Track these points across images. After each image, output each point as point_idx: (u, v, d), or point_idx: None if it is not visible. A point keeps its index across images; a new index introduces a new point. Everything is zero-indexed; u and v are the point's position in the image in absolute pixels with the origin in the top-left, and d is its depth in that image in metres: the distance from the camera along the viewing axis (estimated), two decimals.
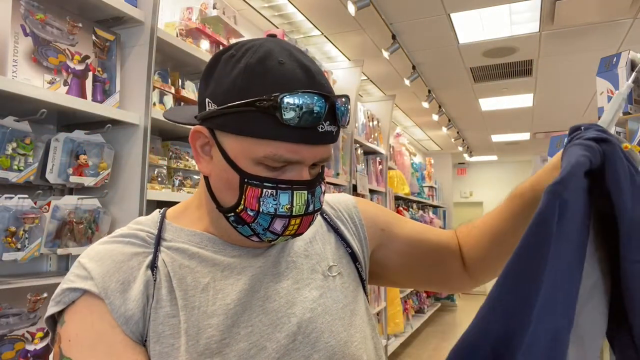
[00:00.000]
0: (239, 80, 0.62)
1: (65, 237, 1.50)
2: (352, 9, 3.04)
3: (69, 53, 1.51)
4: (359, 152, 3.83)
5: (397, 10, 3.43)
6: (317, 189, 0.68)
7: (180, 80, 2.04)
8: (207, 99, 0.66)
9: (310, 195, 0.66)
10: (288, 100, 0.60)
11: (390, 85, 5.10)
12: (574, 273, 0.46)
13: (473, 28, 3.76)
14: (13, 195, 1.38)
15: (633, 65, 2.18)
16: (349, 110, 0.67)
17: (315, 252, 0.78)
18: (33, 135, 1.42)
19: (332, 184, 3.24)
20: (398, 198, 5.10)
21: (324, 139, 0.64)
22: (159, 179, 1.83)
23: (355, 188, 3.60)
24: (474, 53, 4.27)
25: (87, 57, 1.56)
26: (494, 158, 10.29)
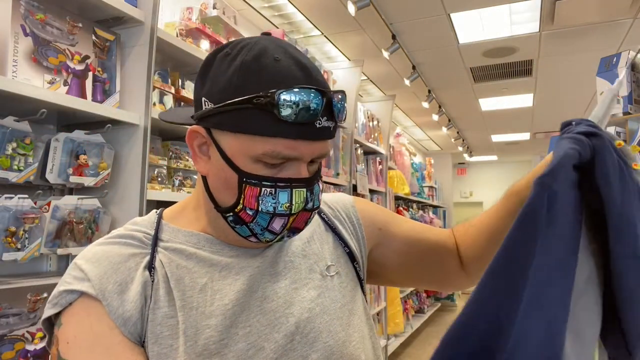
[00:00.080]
0: (235, 78, 0.62)
1: (65, 237, 1.50)
2: (352, 9, 3.04)
3: (69, 53, 1.51)
4: (359, 152, 3.82)
5: (397, 10, 3.43)
6: (315, 187, 0.68)
7: (180, 80, 2.04)
8: (203, 98, 0.66)
9: (309, 193, 0.66)
10: (285, 97, 0.59)
11: (390, 85, 5.10)
12: (567, 265, 0.45)
13: (473, 28, 3.76)
14: (13, 195, 1.38)
15: (633, 65, 2.18)
16: (346, 107, 0.67)
17: (313, 251, 0.78)
18: (33, 135, 1.42)
19: (332, 184, 3.24)
20: (398, 198, 5.10)
21: (322, 135, 0.64)
22: (159, 179, 1.83)
23: (355, 188, 3.59)
24: (474, 53, 4.27)
25: (87, 57, 1.56)
26: (494, 158, 10.29)
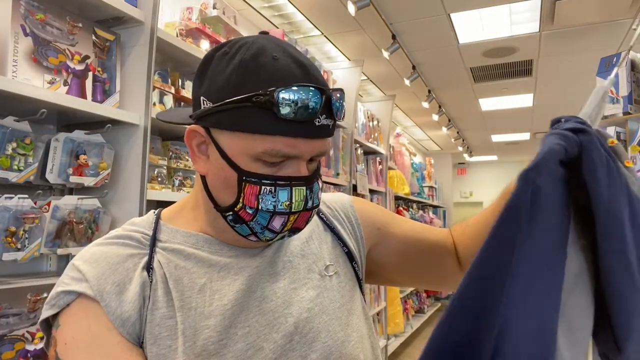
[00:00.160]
0: (234, 77, 0.62)
1: (65, 237, 1.50)
2: (352, 9, 3.04)
3: (69, 53, 1.51)
4: (359, 152, 3.82)
5: (397, 10, 3.43)
6: (314, 185, 0.68)
7: (180, 80, 2.04)
8: (201, 97, 0.66)
9: (309, 191, 0.66)
10: (285, 95, 0.59)
11: (390, 85, 5.10)
12: (555, 261, 0.45)
13: (473, 28, 3.76)
14: (13, 195, 1.38)
15: (633, 65, 2.18)
16: (344, 105, 0.67)
17: (312, 251, 0.77)
18: (33, 135, 1.42)
19: (332, 184, 3.23)
20: (398, 198, 5.10)
21: (321, 133, 0.64)
22: (159, 179, 1.83)
23: (355, 188, 3.59)
24: (474, 53, 4.27)
25: (87, 57, 1.56)
26: (494, 158, 10.29)
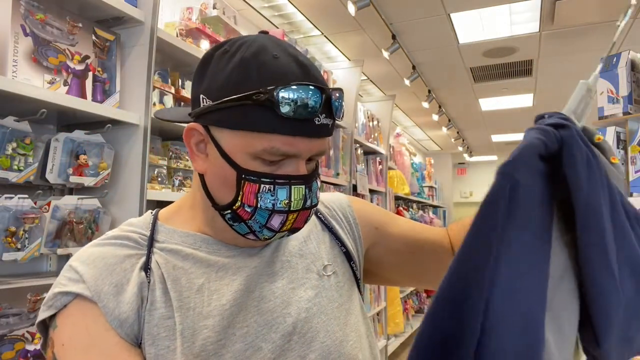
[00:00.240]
0: (234, 75, 0.62)
1: (65, 237, 1.50)
2: (352, 9, 3.04)
3: (69, 53, 1.51)
4: (359, 152, 3.82)
5: (397, 10, 3.43)
6: (313, 184, 0.68)
7: (180, 80, 2.04)
8: (201, 95, 0.66)
9: (308, 190, 0.66)
10: (285, 93, 0.60)
11: (390, 85, 5.10)
12: (538, 256, 0.45)
13: (473, 28, 3.76)
14: (13, 195, 1.37)
15: (633, 65, 2.18)
16: (343, 104, 0.68)
17: (310, 251, 0.77)
18: (33, 135, 1.42)
19: (332, 184, 3.23)
20: (398, 198, 5.10)
21: (321, 132, 0.64)
22: (159, 179, 1.83)
23: (355, 188, 3.59)
24: (474, 53, 4.27)
25: (87, 57, 1.56)
26: (494, 158, 10.29)
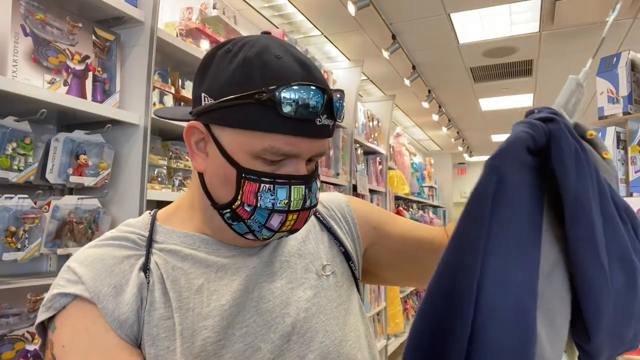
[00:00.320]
0: (237, 74, 0.62)
1: (65, 237, 1.50)
2: (352, 9, 3.04)
3: (69, 53, 1.51)
4: (359, 152, 3.82)
5: (397, 10, 3.43)
6: (313, 185, 0.68)
7: (180, 80, 2.04)
8: (203, 94, 0.66)
9: (308, 190, 0.66)
10: (288, 93, 0.60)
11: (390, 85, 5.10)
12: (527, 249, 0.45)
13: (473, 28, 3.76)
14: (13, 195, 1.37)
15: (633, 65, 2.18)
16: (344, 105, 0.68)
17: (309, 251, 0.77)
18: (33, 135, 1.42)
19: (332, 184, 3.23)
20: (398, 198, 5.10)
21: (322, 133, 0.65)
22: (159, 179, 1.83)
23: (355, 188, 3.59)
24: (474, 53, 4.27)
25: (87, 57, 1.56)
26: None
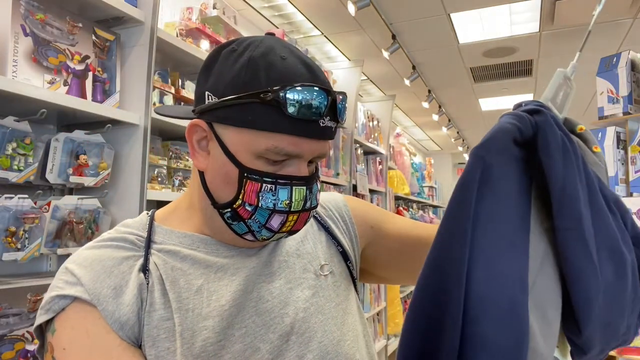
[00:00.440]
0: (243, 74, 0.62)
1: (65, 237, 1.50)
2: (352, 9, 3.04)
3: (69, 53, 1.51)
4: (359, 152, 3.82)
5: (397, 10, 3.43)
6: (314, 186, 0.68)
7: (180, 80, 2.04)
8: (206, 92, 0.66)
9: (309, 192, 0.67)
10: (293, 94, 0.60)
11: (390, 85, 5.10)
12: (515, 240, 0.45)
13: (473, 28, 3.76)
14: (13, 195, 1.38)
15: (633, 65, 2.18)
16: (346, 107, 0.68)
17: (307, 251, 0.78)
18: (33, 135, 1.42)
19: (332, 184, 3.23)
20: (398, 198, 5.10)
21: (324, 134, 0.65)
22: (159, 179, 1.83)
23: (355, 188, 3.59)
24: (474, 53, 4.27)
25: (87, 57, 1.56)
26: None
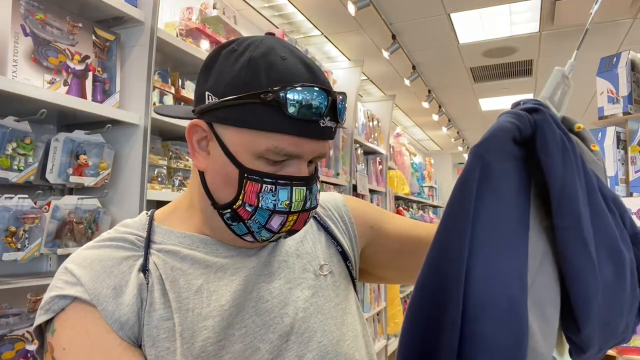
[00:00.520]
0: (243, 74, 0.62)
1: (65, 237, 1.50)
2: (352, 9, 3.04)
3: (69, 53, 1.51)
4: (359, 152, 3.82)
5: (397, 10, 3.43)
6: (314, 186, 0.68)
7: (180, 80, 2.04)
8: (207, 92, 0.66)
9: (309, 192, 0.67)
10: (294, 94, 0.60)
11: (390, 85, 5.10)
12: (515, 239, 0.45)
13: (473, 28, 3.76)
14: (13, 195, 1.37)
15: (633, 65, 2.18)
16: (346, 107, 0.68)
17: (306, 251, 0.78)
18: (33, 135, 1.42)
19: (332, 184, 3.23)
20: (398, 198, 5.10)
21: (325, 134, 0.65)
22: (159, 179, 1.83)
23: (355, 188, 3.59)
24: (474, 53, 4.27)
25: (87, 57, 1.56)
26: None
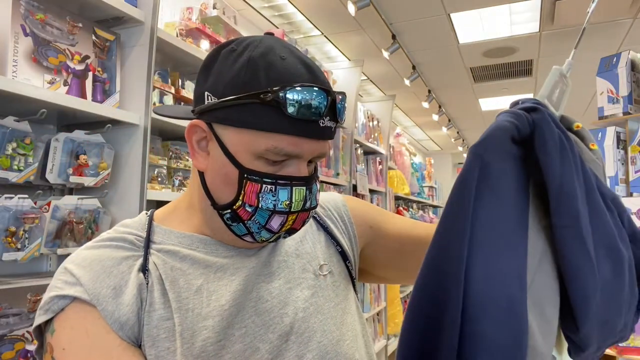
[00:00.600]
0: (242, 74, 0.62)
1: (65, 237, 1.50)
2: (352, 9, 3.04)
3: (69, 53, 1.51)
4: (359, 152, 3.82)
5: (397, 10, 3.44)
6: (313, 186, 0.68)
7: (180, 80, 2.04)
8: (206, 93, 0.66)
9: (308, 192, 0.67)
10: (293, 94, 0.60)
11: (390, 85, 5.10)
12: (514, 238, 0.45)
13: (473, 28, 3.76)
14: (13, 195, 1.37)
15: (633, 65, 2.18)
16: (346, 107, 0.68)
17: (306, 251, 0.78)
18: (33, 135, 1.42)
19: (332, 184, 3.23)
20: (398, 198, 5.10)
21: (324, 134, 0.65)
22: (159, 179, 1.83)
23: (355, 188, 3.59)
24: (474, 53, 4.27)
25: (87, 57, 1.56)
26: None
